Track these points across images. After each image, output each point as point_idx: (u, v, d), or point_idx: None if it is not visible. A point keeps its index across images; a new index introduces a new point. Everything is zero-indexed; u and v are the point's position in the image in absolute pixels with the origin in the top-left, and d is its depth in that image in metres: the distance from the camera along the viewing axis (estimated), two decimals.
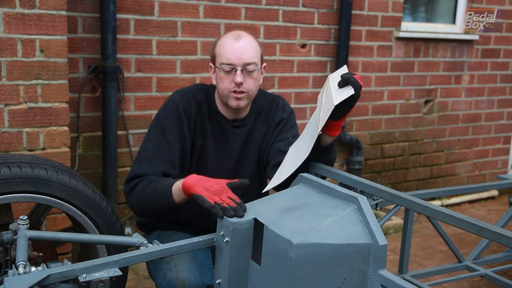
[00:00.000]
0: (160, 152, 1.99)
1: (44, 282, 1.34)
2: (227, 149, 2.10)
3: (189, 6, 3.32)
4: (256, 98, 2.16)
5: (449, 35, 4.46)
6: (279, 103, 2.19)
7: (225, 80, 2.00)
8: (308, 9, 3.76)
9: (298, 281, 1.31)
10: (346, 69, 1.79)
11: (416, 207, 1.61)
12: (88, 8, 3.04)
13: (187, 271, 1.85)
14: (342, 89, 1.71)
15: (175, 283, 1.83)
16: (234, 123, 2.11)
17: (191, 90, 2.11)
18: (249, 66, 1.98)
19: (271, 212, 1.49)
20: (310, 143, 1.78)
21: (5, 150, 2.51)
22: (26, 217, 1.74)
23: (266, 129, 2.15)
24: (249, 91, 2.02)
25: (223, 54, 1.99)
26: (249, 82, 2.00)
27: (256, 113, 2.16)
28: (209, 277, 1.89)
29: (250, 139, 2.12)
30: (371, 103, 4.21)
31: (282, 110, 2.17)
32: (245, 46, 1.99)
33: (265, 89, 3.22)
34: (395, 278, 1.30)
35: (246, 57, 1.97)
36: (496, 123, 4.97)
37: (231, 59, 1.97)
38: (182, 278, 1.83)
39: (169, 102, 2.06)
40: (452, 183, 4.81)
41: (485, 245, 2.72)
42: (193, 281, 1.84)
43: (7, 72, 2.47)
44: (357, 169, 4.12)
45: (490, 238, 1.42)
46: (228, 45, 2.00)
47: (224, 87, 2.00)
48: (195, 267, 1.87)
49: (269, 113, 2.17)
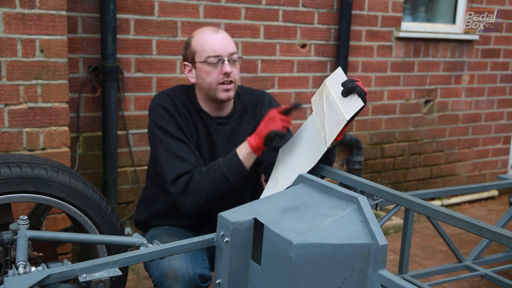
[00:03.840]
0: (181, 148, 2.00)
1: (44, 282, 1.33)
2: (211, 146, 2.11)
3: (189, 6, 3.32)
4: (240, 95, 2.17)
5: (449, 35, 4.46)
6: (264, 99, 2.20)
7: (212, 73, 2.01)
8: (308, 9, 3.76)
9: (298, 281, 1.31)
10: (341, 72, 1.78)
11: (416, 207, 1.61)
12: (88, 8, 3.04)
13: (180, 260, 1.87)
14: (347, 100, 1.68)
15: (167, 271, 1.86)
16: (217, 120, 2.12)
17: (171, 91, 2.12)
18: (233, 56, 2.03)
19: (271, 212, 1.49)
20: (315, 156, 1.76)
21: (5, 150, 2.51)
22: (26, 217, 1.74)
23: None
24: (237, 81, 2.06)
25: (208, 47, 2.01)
26: (235, 71, 2.04)
27: (241, 111, 2.16)
28: (201, 267, 1.90)
29: (235, 136, 2.12)
30: (371, 103, 4.21)
31: (269, 106, 2.17)
32: (225, 38, 2.05)
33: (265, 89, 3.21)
34: (395, 278, 1.30)
35: (229, 47, 2.02)
36: (496, 123, 4.97)
37: (217, 50, 2.00)
38: (174, 267, 1.86)
39: (156, 106, 2.06)
40: (452, 183, 4.81)
41: (485, 245, 2.72)
42: (185, 269, 1.85)
43: (7, 72, 2.47)
44: (357, 169, 4.12)
45: (490, 238, 1.42)
46: (210, 39, 2.02)
47: (212, 80, 2.01)
48: (188, 257, 1.89)
49: (255, 110, 2.17)
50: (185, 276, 1.86)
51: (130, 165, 3.30)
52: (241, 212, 1.52)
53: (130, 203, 3.36)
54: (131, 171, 3.31)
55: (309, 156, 1.80)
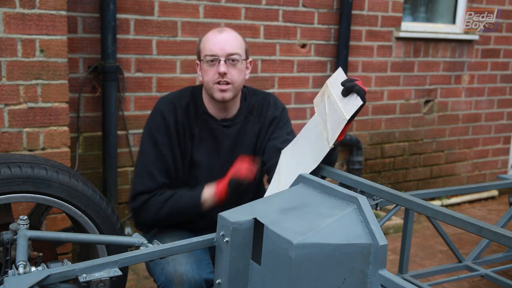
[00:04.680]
0: (157, 165, 2.04)
1: (44, 282, 1.33)
2: (216, 149, 2.11)
3: (189, 6, 3.32)
4: (246, 96, 2.17)
5: (449, 35, 4.46)
6: (270, 101, 2.20)
7: (209, 71, 2.02)
8: (308, 9, 3.76)
9: (298, 281, 1.31)
10: (342, 72, 1.78)
11: (416, 207, 1.61)
12: (88, 8, 3.04)
13: (185, 265, 1.87)
14: (347, 99, 1.69)
15: (173, 277, 1.86)
16: (223, 122, 2.12)
17: (175, 96, 2.14)
18: (232, 56, 2.01)
19: (271, 212, 1.49)
20: (318, 157, 1.77)
21: (5, 150, 2.51)
22: (26, 217, 1.74)
23: (260, 128, 2.15)
24: (234, 82, 2.04)
25: (207, 47, 2.03)
26: (233, 73, 2.02)
27: (247, 112, 2.16)
28: (206, 271, 1.90)
29: (240, 138, 2.13)
30: (371, 103, 4.21)
31: (274, 108, 2.18)
32: (227, 38, 2.03)
33: (265, 89, 3.21)
34: (395, 278, 1.30)
35: (228, 47, 2.01)
36: (496, 123, 4.97)
37: (213, 50, 2.01)
38: (180, 272, 1.86)
39: (155, 112, 2.10)
40: (452, 183, 4.81)
41: (485, 245, 2.72)
42: (191, 275, 1.85)
43: (7, 72, 2.47)
44: (357, 169, 4.12)
45: (490, 238, 1.42)
46: (211, 38, 2.04)
47: (209, 79, 2.03)
48: (193, 262, 1.89)
49: (261, 111, 2.17)
50: (191, 281, 1.86)
51: (130, 165, 3.30)
52: (241, 212, 1.52)
53: None
54: (131, 171, 3.31)
55: (312, 157, 1.80)
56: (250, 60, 2.14)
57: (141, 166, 2.07)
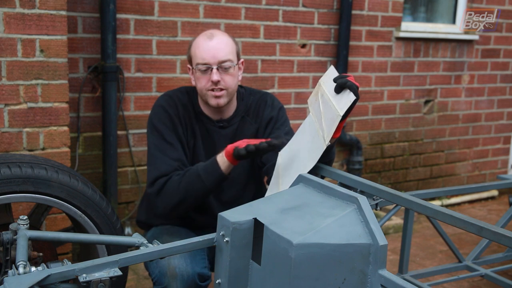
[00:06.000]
0: (168, 153, 2.03)
1: (44, 282, 1.33)
2: (213, 150, 2.10)
3: (189, 6, 3.32)
4: (243, 96, 2.17)
5: (449, 35, 4.46)
6: (267, 101, 2.19)
7: (202, 79, 2.02)
8: (308, 9, 3.76)
9: (298, 281, 1.31)
10: (334, 70, 1.78)
11: (416, 207, 1.61)
12: (88, 8, 3.04)
13: (179, 258, 1.88)
14: (340, 96, 1.68)
15: (166, 270, 1.87)
16: (219, 123, 2.12)
17: (174, 93, 2.14)
18: (224, 64, 2.01)
19: (271, 212, 1.49)
20: (315, 155, 1.76)
21: (5, 150, 2.51)
22: (26, 217, 1.74)
23: (257, 129, 2.15)
24: (228, 88, 2.04)
25: (198, 54, 2.02)
26: (227, 79, 2.02)
27: (244, 112, 2.16)
28: (200, 266, 1.91)
29: (237, 139, 2.11)
30: (371, 103, 4.21)
31: (271, 108, 2.17)
32: (218, 45, 2.01)
33: (265, 89, 3.21)
34: (395, 278, 1.30)
35: (220, 55, 2.00)
36: (496, 123, 4.97)
37: (205, 58, 2.00)
38: (173, 265, 1.87)
39: (157, 107, 2.10)
40: (452, 183, 4.81)
41: (485, 245, 2.72)
42: (184, 268, 1.86)
43: (7, 72, 2.47)
44: (357, 169, 4.12)
45: (490, 238, 1.42)
46: (202, 45, 2.02)
47: (202, 86, 2.03)
48: (187, 255, 1.90)
49: (258, 111, 2.17)
50: (184, 275, 1.86)
51: (130, 165, 3.30)
52: (241, 212, 1.52)
53: (130, 203, 3.36)
54: (131, 171, 3.31)
55: (309, 156, 1.80)
56: (242, 60, 2.13)
57: (153, 156, 2.05)
